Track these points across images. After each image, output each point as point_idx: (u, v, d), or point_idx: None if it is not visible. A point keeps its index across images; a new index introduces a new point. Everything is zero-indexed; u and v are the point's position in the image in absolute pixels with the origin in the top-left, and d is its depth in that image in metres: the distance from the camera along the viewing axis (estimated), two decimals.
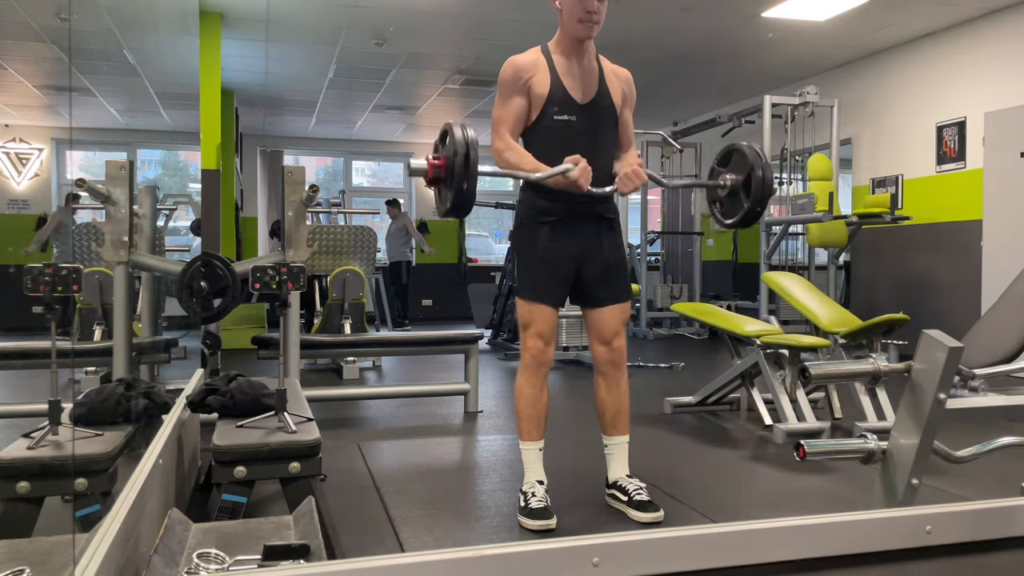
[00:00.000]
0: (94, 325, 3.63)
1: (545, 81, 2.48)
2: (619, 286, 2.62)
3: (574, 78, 2.50)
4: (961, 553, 1.32)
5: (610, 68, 2.61)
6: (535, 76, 2.48)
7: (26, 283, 1.71)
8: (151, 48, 3.95)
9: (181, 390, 2.71)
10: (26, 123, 4.31)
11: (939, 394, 1.48)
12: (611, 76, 2.58)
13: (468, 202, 2.25)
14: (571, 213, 2.52)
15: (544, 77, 2.48)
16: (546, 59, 2.52)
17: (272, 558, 1.25)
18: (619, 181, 2.49)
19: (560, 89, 2.48)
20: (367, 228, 5.99)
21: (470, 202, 2.25)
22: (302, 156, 12.05)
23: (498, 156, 2.52)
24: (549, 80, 2.48)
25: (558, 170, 2.37)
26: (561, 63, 2.50)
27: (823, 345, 3.79)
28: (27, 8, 2.41)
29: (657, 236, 9.55)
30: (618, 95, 2.57)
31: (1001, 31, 6.10)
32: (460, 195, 2.22)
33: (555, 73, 2.49)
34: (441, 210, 2.35)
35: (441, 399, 4.57)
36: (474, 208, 8.86)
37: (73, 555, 1.19)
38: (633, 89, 2.65)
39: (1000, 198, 5.98)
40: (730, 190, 2.63)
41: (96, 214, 3.13)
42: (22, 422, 2.37)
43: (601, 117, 2.53)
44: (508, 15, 6.15)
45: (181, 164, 6.35)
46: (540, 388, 2.58)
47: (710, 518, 2.54)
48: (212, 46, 6.31)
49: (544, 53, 2.54)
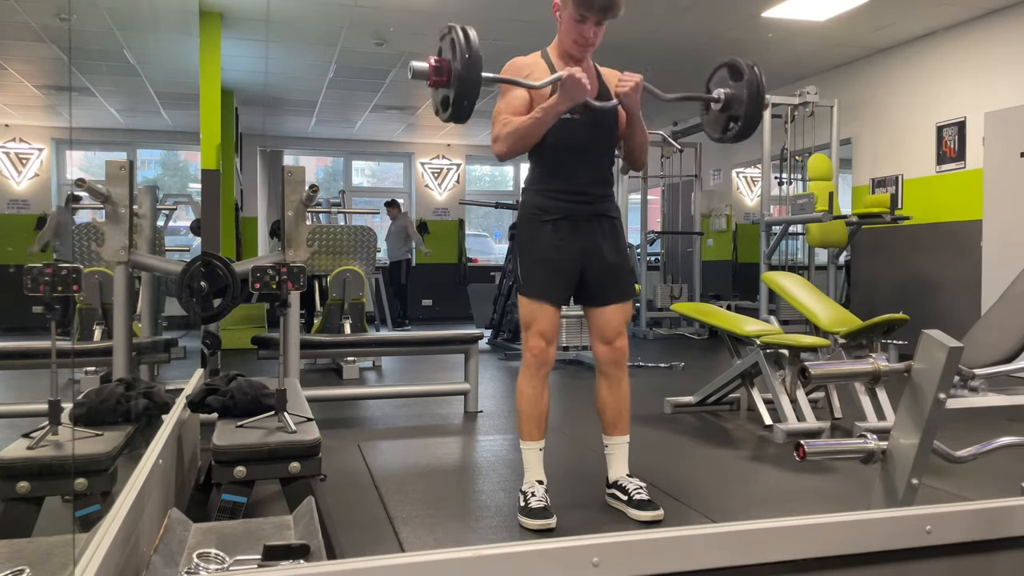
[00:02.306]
0: (94, 325, 3.63)
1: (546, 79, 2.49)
2: (621, 285, 2.62)
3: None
4: (961, 553, 1.32)
5: (605, 73, 2.64)
6: (535, 74, 2.48)
7: (26, 283, 1.71)
8: (151, 48, 3.95)
9: (181, 390, 2.71)
10: (26, 123, 4.30)
11: (939, 394, 1.48)
12: (609, 78, 2.61)
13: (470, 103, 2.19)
14: (573, 212, 2.53)
15: (544, 75, 2.48)
16: (546, 62, 2.55)
17: (272, 558, 1.25)
18: (617, 89, 2.47)
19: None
20: (367, 228, 5.99)
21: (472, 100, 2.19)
22: (302, 156, 12.06)
23: (499, 142, 2.47)
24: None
25: (552, 78, 2.35)
26: (560, 65, 2.52)
27: (823, 345, 3.79)
28: (27, 8, 2.41)
29: (657, 236, 9.55)
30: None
31: (1001, 31, 6.10)
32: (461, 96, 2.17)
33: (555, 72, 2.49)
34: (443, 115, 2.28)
35: (441, 399, 4.57)
36: (474, 208, 8.96)
37: (73, 555, 1.19)
38: None
39: (1000, 198, 5.98)
40: (724, 103, 2.62)
41: (96, 214, 3.13)
42: (22, 422, 2.37)
43: (606, 113, 2.53)
44: (508, 15, 6.15)
45: (181, 164, 6.35)
46: (541, 388, 2.58)
47: (710, 518, 2.54)
48: (212, 46, 6.32)
49: (544, 57, 2.57)
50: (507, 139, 2.44)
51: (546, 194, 2.54)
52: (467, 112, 2.20)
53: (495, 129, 2.50)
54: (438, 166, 11.97)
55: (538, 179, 2.59)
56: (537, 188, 2.57)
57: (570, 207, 2.52)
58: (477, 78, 2.16)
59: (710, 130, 2.74)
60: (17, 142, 4.31)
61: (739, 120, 2.58)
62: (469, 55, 2.14)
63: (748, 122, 2.56)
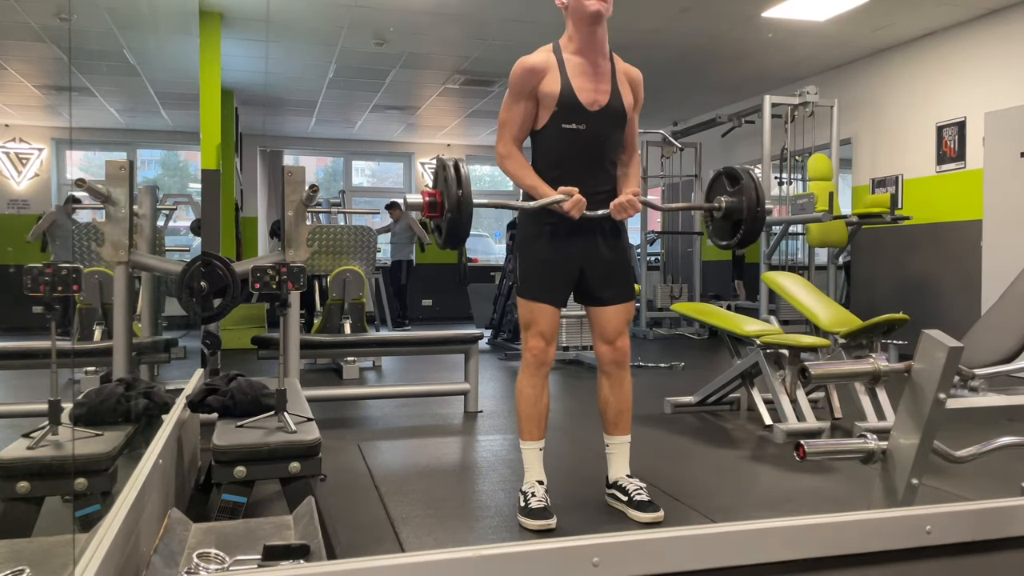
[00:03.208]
0: (94, 325, 3.63)
1: (555, 82, 2.44)
2: (622, 286, 2.61)
3: (586, 78, 2.46)
4: (961, 553, 1.32)
5: (623, 68, 2.57)
6: (545, 77, 2.44)
7: (26, 283, 1.71)
8: (151, 48, 3.95)
9: (181, 390, 2.71)
10: (26, 123, 4.30)
11: (939, 394, 1.48)
12: (623, 77, 2.55)
13: (463, 232, 2.37)
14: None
15: (555, 77, 2.44)
16: (557, 58, 2.47)
17: (272, 558, 1.25)
18: (613, 207, 2.48)
19: (570, 95, 2.44)
20: (367, 228, 5.99)
21: (465, 232, 2.37)
22: (302, 156, 12.05)
23: (499, 160, 2.54)
24: (559, 82, 2.44)
25: (552, 199, 2.43)
26: (572, 63, 2.46)
27: (823, 345, 3.79)
28: (27, 8, 2.41)
29: (657, 236, 9.55)
30: (628, 97, 2.54)
31: (1001, 31, 6.10)
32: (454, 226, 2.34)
33: (565, 76, 2.45)
34: (438, 241, 2.45)
35: (441, 399, 4.57)
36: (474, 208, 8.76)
37: (73, 555, 1.19)
38: (642, 91, 2.63)
39: (1000, 198, 5.98)
40: (724, 212, 2.66)
41: (96, 214, 3.13)
42: (22, 422, 2.37)
43: (610, 123, 2.50)
44: (508, 15, 6.15)
45: (181, 164, 6.34)
46: (541, 388, 2.58)
47: (710, 518, 2.54)
48: (212, 46, 6.31)
49: (555, 51, 2.50)
50: (508, 171, 2.54)
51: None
52: (461, 241, 2.40)
53: (498, 146, 2.53)
54: None
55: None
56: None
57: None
58: (468, 217, 2.34)
59: (716, 238, 2.78)
60: (17, 142, 4.31)
61: (742, 225, 2.63)
62: (461, 194, 2.31)
63: (753, 224, 2.61)
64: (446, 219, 2.35)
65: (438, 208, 2.36)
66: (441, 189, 2.36)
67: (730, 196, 2.66)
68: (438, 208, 2.36)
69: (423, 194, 2.37)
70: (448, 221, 2.34)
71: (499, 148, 2.53)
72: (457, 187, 2.31)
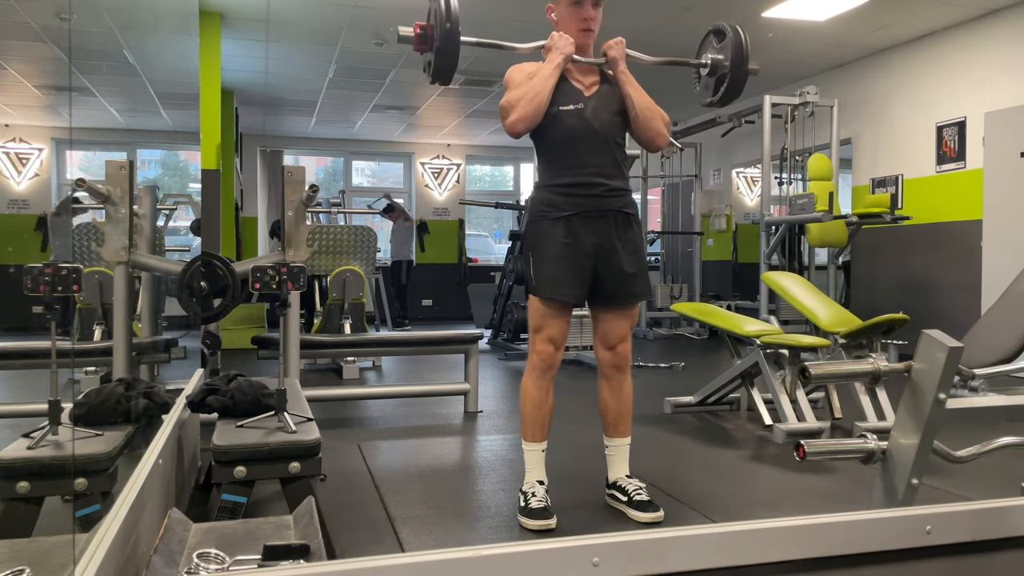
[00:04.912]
0: (94, 325, 3.63)
1: None
2: (634, 287, 2.55)
3: (578, 71, 2.56)
4: (961, 553, 1.32)
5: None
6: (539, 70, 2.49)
7: (26, 283, 1.71)
8: (151, 48, 3.95)
9: (181, 390, 2.71)
10: (26, 123, 4.30)
11: (939, 394, 1.48)
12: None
13: (451, 65, 2.42)
14: (584, 207, 2.47)
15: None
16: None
17: (272, 558, 1.25)
18: (603, 49, 2.53)
19: (563, 79, 2.50)
20: (367, 228, 5.99)
21: (452, 65, 2.42)
22: (302, 156, 12.05)
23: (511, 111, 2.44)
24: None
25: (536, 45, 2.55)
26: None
27: (823, 345, 3.79)
28: (27, 8, 2.41)
29: (657, 236, 9.55)
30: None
31: (1001, 31, 6.10)
32: (442, 56, 2.40)
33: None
34: (427, 76, 2.49)
35: (441, 399, 4.57)
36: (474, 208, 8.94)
37: (73, 555, 1.19)
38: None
39: (1000, 198, 5.98)
40: (710, 69, 2.75)
41: (96, 214, 3.13)
42: (22, 422, 2.37)
43: (607, 102, 2.52)
44: (508, 15, 6.15)
45: (181, 164, 6.34)
46: (546, 391, 2.57)
47: (710, 518, 2.54)
48: (212, 46, 6.31)
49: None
50: (517, 103, 2.43)
51: (555, 190, 2.50)
52: (448, 76, 2.44)
53: (504, 111, 2.47)
54: (438, 166, 11.97)
55: (546, 174, 2.56)
56: (546, 184, 2.54)
57: (581, 201, 2.46)
58: (455, 48, 2.39)
59: (701, 97, 2.83)
60: (17, 142, 4.31)
61: (726, 79, 2.68)
62: (449, 25, 2.37)
63: (734, 80, 2.67)
64: (435, 51, 2.40)
65: (428, 41, 2.42)
66: (432, 23, 2.42)
67: (716, 53, 2.74)
68: (428, 41, 2.42)
69: (415, 26, 2.44)
70: (437, 52, 2.40)
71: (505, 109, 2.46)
72: (446, 20, 2.36)
